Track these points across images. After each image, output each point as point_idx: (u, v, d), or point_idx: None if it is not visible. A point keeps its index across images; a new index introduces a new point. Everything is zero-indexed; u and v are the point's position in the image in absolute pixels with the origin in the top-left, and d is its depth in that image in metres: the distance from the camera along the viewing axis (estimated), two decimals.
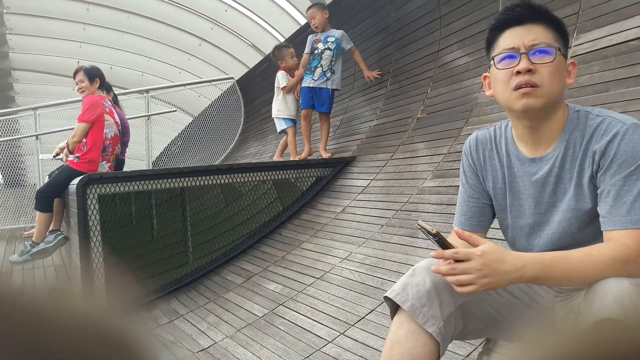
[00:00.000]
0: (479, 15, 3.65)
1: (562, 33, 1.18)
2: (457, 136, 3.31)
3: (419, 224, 1.11)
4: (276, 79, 4.81)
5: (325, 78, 4.45)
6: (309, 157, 4.56)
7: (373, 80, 4.55)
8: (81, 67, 4.00)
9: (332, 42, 4.44)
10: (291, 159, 4.59)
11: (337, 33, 4.50)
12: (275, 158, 5.01)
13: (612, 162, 1.08)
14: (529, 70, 1.12)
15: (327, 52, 4.44)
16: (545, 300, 1.22)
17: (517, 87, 1.14)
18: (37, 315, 0.22)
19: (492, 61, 1.20)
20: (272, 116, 4.90)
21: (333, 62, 4.46)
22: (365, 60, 4.81)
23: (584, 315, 1.01)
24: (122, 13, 10.06)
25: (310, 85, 4.47)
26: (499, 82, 1.19)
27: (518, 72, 1.14)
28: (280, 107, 4.75)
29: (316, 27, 4.50)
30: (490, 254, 1.02)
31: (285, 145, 4.91)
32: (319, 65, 4.45)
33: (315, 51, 4.47)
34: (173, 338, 2.96)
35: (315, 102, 4.50)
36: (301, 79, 4.61)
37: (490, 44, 1.23)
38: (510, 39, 1.16)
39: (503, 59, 1.17)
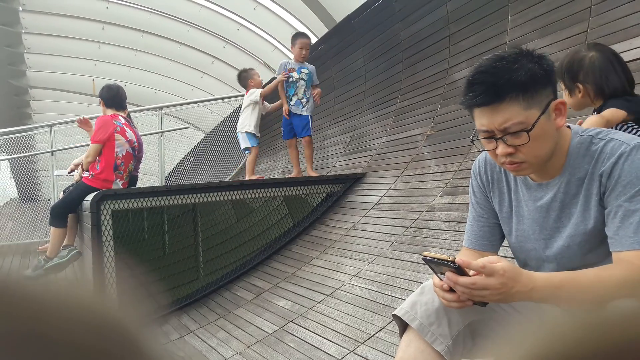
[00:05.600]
0: (487, 34, 3.68)
1: (538, 84, 1.10)
2: (467, 153, 3.32)
3: (424, 256, 1.09)
4: (247, 95, 4.96)
5: (301, 105, 4.71)
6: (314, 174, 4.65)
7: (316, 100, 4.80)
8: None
9: (306, 73, 4.70)
10: (247, 178, 4.75)
11: (310, 67, 4.77)
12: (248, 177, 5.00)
13: (617, 183, 1.08)
14: (510, 153, 1.12)
15: (302, 82, 4.69)
16: None
17: (503, 164, 1.16)
18: (34, 307, 0.22)
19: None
20: (238, 130, 5.04)
21: (306, 92, 4.72)
22: (375, 77, 4.87)
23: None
24: (137, 32, 10.26)
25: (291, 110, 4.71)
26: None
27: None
28: (245, 121, 4.91)
29: (303, 57, 4.71)
30: (510, 272, 1.03)
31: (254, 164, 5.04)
32: (294, 94, 4.70)
33: (290, 79, 4.68)
34: (183, 354, 2.97)
35: (296, 129, 4.73)
36: (277, 85, 4.80)
37: None
38: (480, 119, 1.14)
39: (483, 137, 1.16)
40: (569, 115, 1.84)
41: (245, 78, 5.08)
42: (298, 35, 4.86)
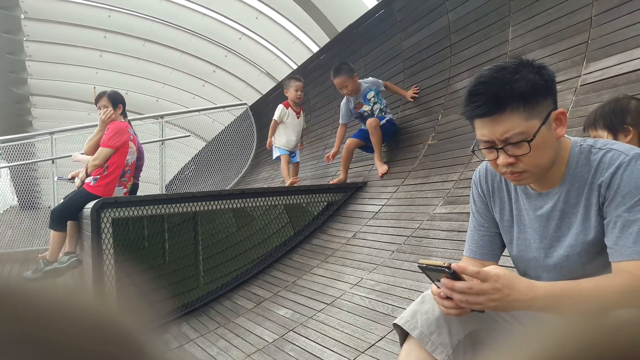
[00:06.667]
0: (488, 44, 3.70)
1: (539, 95, 1.10)
2: (467, 163, 3.33)
3: (420, 264, 1.10)
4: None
5: (384, 112, 4.40)
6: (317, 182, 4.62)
7: (416, 97, 4.37)
8: (104, 92, 4.10)
9: (372, 96, 4.37)
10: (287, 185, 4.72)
11: (369, 84, 4.41)
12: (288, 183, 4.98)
13: (617, 193, 1.08)
14: (511, 163, 1.13)
15: (376, 106, 4.36)
16: None
17: (504, 174, 1.17)
18: (35, 308, 0.22)
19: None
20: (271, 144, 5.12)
21: (384, 107, 4.40)
22: None
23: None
24: (139, 40, 10.31)
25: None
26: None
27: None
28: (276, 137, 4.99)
29: (349, 94, 4.36)
30: (505, 279, 1.03)
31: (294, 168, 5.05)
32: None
33: (365, 114, 4.36)
34: None
35: (388, 136, 4.35)
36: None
37: None
38: (481, 129, 1.15)
39: (484, 148, 1.17)
40: None
41: (283, 87, 5.01)
42: (332, 75, 4.42)
